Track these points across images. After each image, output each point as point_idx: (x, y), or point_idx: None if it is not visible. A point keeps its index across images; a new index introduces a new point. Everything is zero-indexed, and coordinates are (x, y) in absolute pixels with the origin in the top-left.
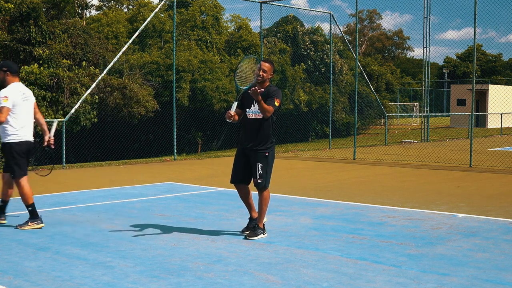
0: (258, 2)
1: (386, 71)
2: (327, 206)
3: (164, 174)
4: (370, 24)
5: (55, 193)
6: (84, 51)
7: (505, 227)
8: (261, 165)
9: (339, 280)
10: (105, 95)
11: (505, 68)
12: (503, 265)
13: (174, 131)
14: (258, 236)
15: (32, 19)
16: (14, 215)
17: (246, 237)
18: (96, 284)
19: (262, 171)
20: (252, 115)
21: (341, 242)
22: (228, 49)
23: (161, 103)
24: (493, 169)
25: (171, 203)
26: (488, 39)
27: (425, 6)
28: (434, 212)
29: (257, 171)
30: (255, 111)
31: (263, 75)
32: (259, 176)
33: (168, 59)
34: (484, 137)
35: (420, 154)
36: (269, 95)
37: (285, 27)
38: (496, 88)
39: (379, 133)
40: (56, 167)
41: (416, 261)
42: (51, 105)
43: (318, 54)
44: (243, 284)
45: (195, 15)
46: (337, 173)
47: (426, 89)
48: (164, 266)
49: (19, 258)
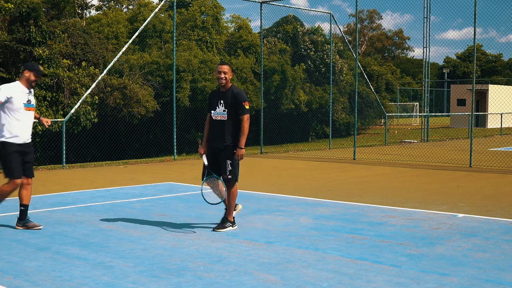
0: (258, 2)
1: (386, 71)
2: (327, 206)
3: (164, 174)
4: (370, 24)
5: (55, 193)
6: (84, 51)
7: (505, 227)
8: (230, 161)
9: (339, 280)
10: (105, 95)
11: (505, 68)
12: (503, 265)
13: (174, 131)
14: (226, 229)
15: (32, 19)
16: (14, 215)
17: (213, 229)
18: (96, 284)
19: (231, 167)
20: (218, 117)
21: (341, 242)
22: (228, 49)
23: (161, 103)
24: (493, 169)
25: (171, 203)
26: (488, 39)
27: (425, 6)
28: (434, 212)
29: (226, 167)
30: (219, 113)
31: (224, 77)
32: (229, 172)
33: (168, 59)
34: (484, 137)
35: (420, 154)
36: (236, 100)
37: (285, 27)
38: (496, 88)
39: (379, 133)
40: (56, 167)
41: (416, 261)
42: (51, 105)
43: (318, 54)
44: (243, 284)
45: (195, 15)
46: (337, 173)
47: (426, 89)
48: (164, 266)
49: (19, 258)
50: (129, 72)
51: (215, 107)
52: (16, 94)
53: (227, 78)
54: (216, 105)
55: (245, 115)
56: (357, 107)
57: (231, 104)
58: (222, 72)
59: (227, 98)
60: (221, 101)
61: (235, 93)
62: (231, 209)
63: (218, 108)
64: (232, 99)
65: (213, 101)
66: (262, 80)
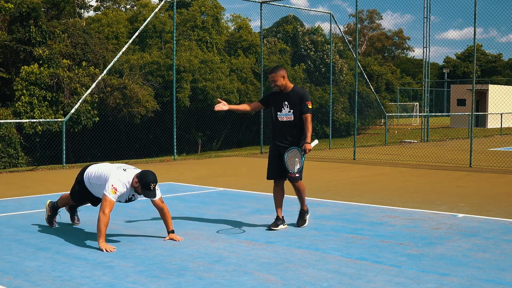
0: (258, 2)
1: (386, 71)
2: (327, 206)
3: (164, 174)
4: (370, 24)
5: (55, 193)
6: (84, 51)
7: (505, 227)
8: (297, 159)
9: (339, 280)
10: (105, 95)
11: (505, 68)
12: (503, 265)
13: (174, 131)
14: (307, 221)
15: (32, 19)
16: (14, 215)
17: (298, 226)
18: (96, 284)
19: (299, 165)
20: (284, 118)
21: (341, 242)
22: (228, 49)
23: (161, 103)
24: (493, 169)
25: (171, 203)
26: (488, 39)
27: (425, 6)
28: (434, 212)
29: (294, 166)
30: (286, 114)
31: (276, 84)
32: (296, 170)
33: (168, 59)
34: (484, 137)
35: (420, 154)
36: (302, 100)
37: (285, 27)
38: (496, 88)
39: (379, 133)
40: (56, 167)
41: (416, 261)
42: (51, 105)
43: (318, 54)
44: (243, 284)
45: (195, 15)
46: (337, 173)
47: (426, 89)
48: (164, 266)
49: (19, 258)
50: (129, 72)
51: (280, 108)
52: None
53: (279, 83)
54: (281, 106)
55: (308, 114)
56: (357, 107)
57: (296, 104)
58: (272, 81)
59: (290, 98)
60: (285, 102)
61: (300, 93)
62: (304, 201)
63: (284, 109)
64: (296, 99)
65: (277, 102)
66: (262, 80)
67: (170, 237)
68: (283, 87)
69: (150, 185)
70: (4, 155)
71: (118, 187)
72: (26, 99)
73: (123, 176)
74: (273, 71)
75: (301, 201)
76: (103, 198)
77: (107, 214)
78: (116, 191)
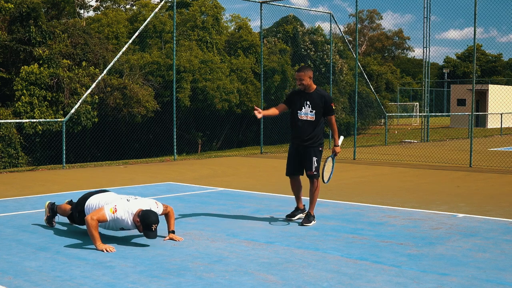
0: (258, 2)
1: (386, 71)
2: (327, 206)
3: (164, 174)
4: (370, 24)
5: (55, 193)
6: (84, 51)
7: (505, 227)
8: (315, 158)
9: (339, 280)
10: (105, 95)
11: (505, 68)
12: (503, 265)
13: (174, 131)
14: (311, 223)
15: (32, 19)
16: (14, 215)
17: (301, 224)
18: (96, 284)
19: (316, 164)
20: (304, 117)
21: (341, 242)
22: (228, 49)
23: (161, 103)
24: (493, 169)
25: (171, 203)
26: (488, 39)
27: (425, 6)
28: (434, 212)
29: (312, 164)
30: (306, 113)
31: (302, 83)
32: (314, 168)
33: (168, 59)
34: (484, 137)
35: (420, 154)
36: (326, 102)
37: (285, 27)
38: (496, 88)
39: (379, 133)
40: (56, 167)
41: (416, 261)
42: (51, 105)
43: (318, 54)
44: (243, 284)
45: (195, 15)
46: (337, 173)
47: (426, 89)
48: (164, 266)
49: (19, 258)
50: (129, 72)
51: (300, 107)
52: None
53: (305, 83)
54: (302, 105)
55: (333, 116)
56: (357, 107)
57: (319, 105)
58: (298, 79)
59: (313, 99)
60: (307, 102)
61: (324, 95)
62: (314, 204)
63: (305, 108)
64: (320, 101)
65: (297, 101)
66: (262, 80)
67: (170, 237)
68: (307, 86)
69: (151, 226)
70: (4, 155)
71: (119, 211)
72: (26, 99)
73: (127, 205)
74: (301, 70)
75: (310, 203)
76: (99, 208)
77: (95, 220)
78: (115, 212)
